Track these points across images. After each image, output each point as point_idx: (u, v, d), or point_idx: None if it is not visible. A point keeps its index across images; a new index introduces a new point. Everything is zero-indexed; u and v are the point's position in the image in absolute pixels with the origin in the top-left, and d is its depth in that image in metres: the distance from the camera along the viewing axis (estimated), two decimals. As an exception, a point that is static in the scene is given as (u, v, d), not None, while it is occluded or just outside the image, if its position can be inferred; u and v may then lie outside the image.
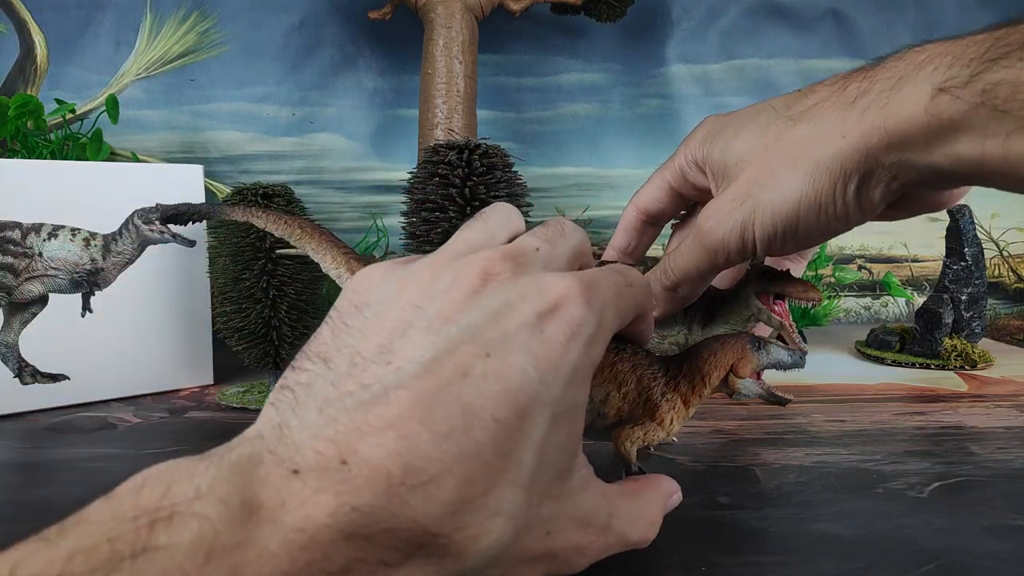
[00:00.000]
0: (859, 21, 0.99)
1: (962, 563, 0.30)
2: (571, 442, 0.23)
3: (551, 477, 0.22)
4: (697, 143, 0.35)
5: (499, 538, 0.20)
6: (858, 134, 0.28)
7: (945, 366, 0.70)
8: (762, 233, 0.31)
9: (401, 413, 0.19)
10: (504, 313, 0.21)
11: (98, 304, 0.58)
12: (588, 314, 0.22)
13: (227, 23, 0.94)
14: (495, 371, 0.20)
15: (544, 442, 0.21)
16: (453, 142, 0.58)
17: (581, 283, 0.22)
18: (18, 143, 0.74)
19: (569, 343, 0.21)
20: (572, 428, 0.22)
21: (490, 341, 0.20)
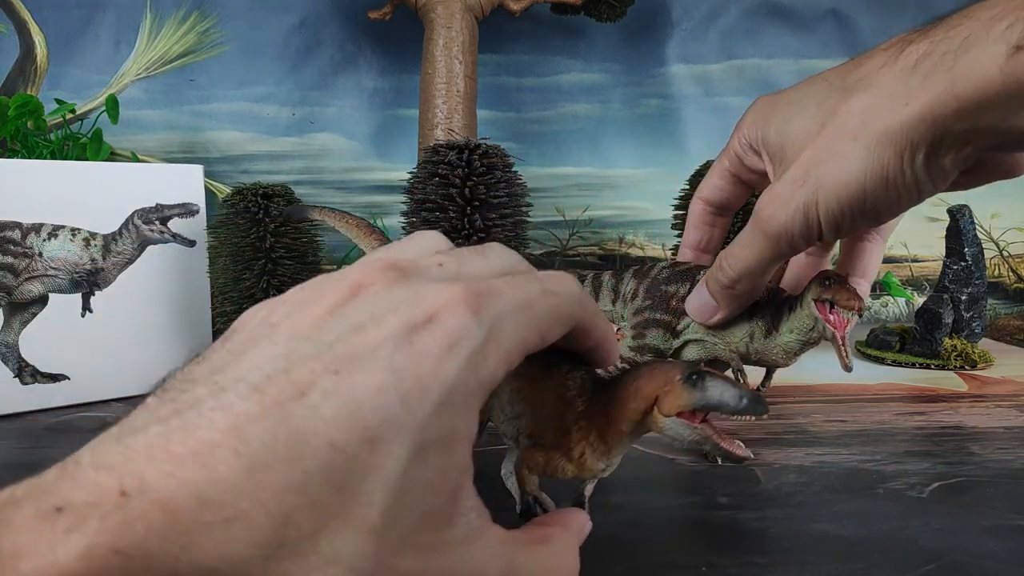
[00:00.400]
0: (859, 21, 0.99)
1: (962, 563, 0.30)
2: (446, 479, 0.18)
3: (415, 521, 0.17)
4: (749, 125, 0.33)
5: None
6: (923, 101, 0.26)
7: (945, 366, 0.70)
8: (827, 214, 0.29)
9: (212, 438, 0.15)
10: (366, 326, 0.18)
11: (98, 304, 0.58)
12: (473, 325, 0.18)
13: (227, 23, 0.94)
14: (340, 390, 0.17)
15: (404, 477, 0.17)
16: (453, 142, 0.58)
17: (468, 290, 0.19)
18: (18, 143, 0.74)
19: (445, 358, 0.18)
20: (448, 462, 0.18)
21: (341, 357, 0.17)
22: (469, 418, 0.19)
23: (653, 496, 0.38)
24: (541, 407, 0.27)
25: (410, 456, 0.17)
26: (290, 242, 0.61)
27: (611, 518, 0.35)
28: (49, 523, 0.14)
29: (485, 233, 0.58)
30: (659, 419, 0.25)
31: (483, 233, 0.57)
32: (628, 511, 0.35)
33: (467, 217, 0.57)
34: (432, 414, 0.17)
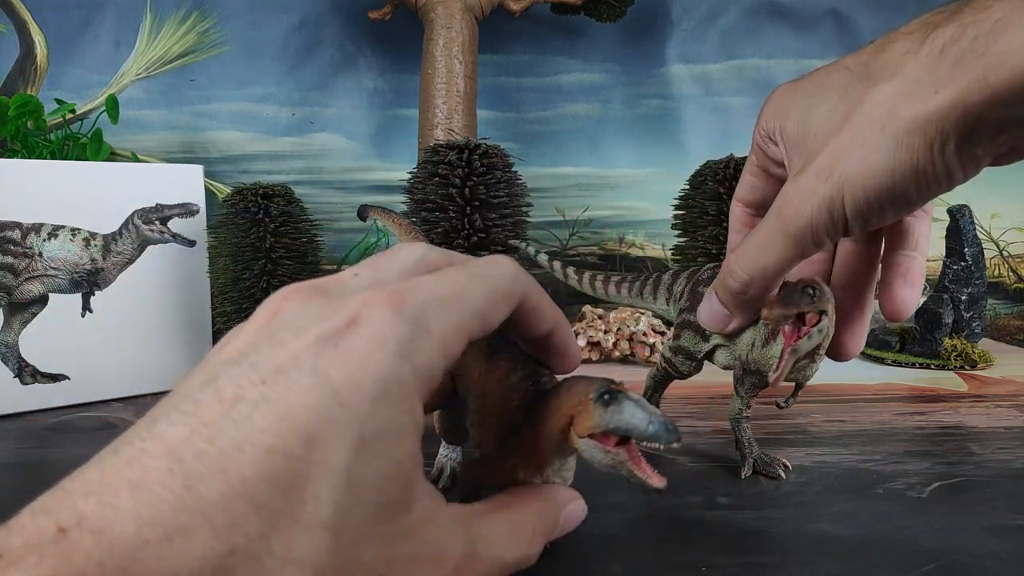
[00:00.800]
0: (859, 21, 0.99)
1: (962, 563, 0.30)
2: (399, 470, 0.19)
3: (372, 513, 0.18)
4: (769, 115, 0.32)
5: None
6: (954, 90, 0.24)
7: (945, 366, 0.70)
8: (853, 207, 0.28)
9: (145, 463, 0.16)
10: (286, 340, 0.18)
11: (98, 304, 0.58)
12: (397, 319, 0.19)
13: (227, 23, 0.94)
14: (269, 398, 0.17)
15: (350, 471, 0.17)
16: (453, 142, 0.58)
17: (386, 290, 0.19)
18: (18, 143, 0.74)
19: (374, 353, 0.18)
20: (398, 453, 0.18)
21: (266, 370, 0.18)
22: (410, 409, 0.19)
23: (653, 496, 0.38)
24: (487, 418, 0.26)
25: (353, 450, 0.17)
26: (290, 242, 0.61)
27: (611, 518, 0.35)
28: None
29: (485, 233, 0.58)
30: (574, 440, 0.23)
31: (483, 233, 0.57)
32: (628, 511, 0.35)
33: (467, 217, 0.57)
34: (370, 408, 0.18)
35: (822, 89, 0.29)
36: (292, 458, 0.16)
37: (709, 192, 0.67)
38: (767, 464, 0.40)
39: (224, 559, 0.15)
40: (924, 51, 0.26)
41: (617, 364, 0.71)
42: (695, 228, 0.69)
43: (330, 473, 0.17)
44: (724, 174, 0.66)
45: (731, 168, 0.66)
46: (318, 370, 0.18)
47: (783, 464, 0.41)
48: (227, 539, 0.15)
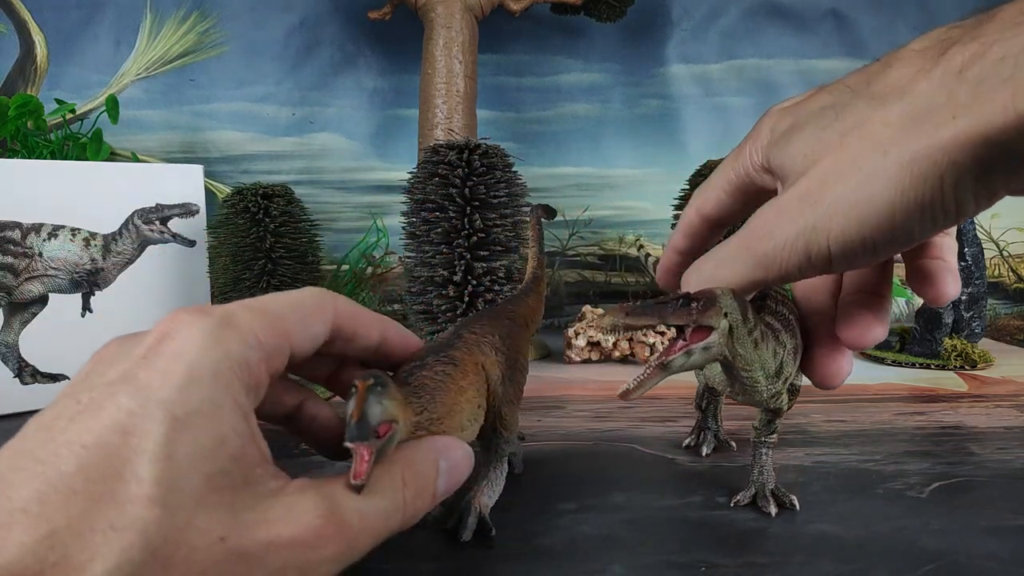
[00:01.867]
0: (859, 21, 0.99)
1: (962, 563, 0.30)
2: (222, 442, 0.20)
3: (202, 484, 0.19)
4: (764, 143, 0.29)
5: (124, 554, 0.18)
6: (975, 116, 0.21)
7: (945, 366, 0.70)
8: (842, 239, 0.24)
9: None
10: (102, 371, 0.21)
11: (98, 304, 0.58)
12: (203, 320, 0.22)
13: (227, 23, 0.94)
14: (88, 409, 0.19)
15: (167, 448, 0.19)
16: (453, 142, 0.58)
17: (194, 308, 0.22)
18: (18, 143, 0.74)
19: (182, 349, 0.21)
20: (217, 428, 0.20)
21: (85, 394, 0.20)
22: (227, 388, 0.21)
23: (653, 496, 0.38)
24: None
25: (168, 430, 0.19)
26: (290, 242, 0.61)
27: (611, 518, 0.35)
28: None
29: (485, 233, 0.58)
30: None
31: (483, 233, 0.57)
32: (628, 511, 0.36)
33: (467, 217, 0.57)
34: (178, 392, 0.20)
35: (820, 111, 0.26)
36: (108, 448, 0.19)
37: (709, 192, 0.67)
38: (773, 498, 0.36)
39: (45, 539, 0.17)
40: (939, 70, 0.23)
41: (617, 364, 0.71)
42: (695, 228, 0.69)
43: (147, 453, 0.19)
44: (724, 174, 0.66)
45: (731, 168, 0.66)
46: (129, 380, 0.20)
47: (791, 503, 0.36)
48: (45, 522, 0.17)
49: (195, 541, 0.19)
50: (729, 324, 0.28)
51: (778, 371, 0.30)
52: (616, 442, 0.46)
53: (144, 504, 0.18)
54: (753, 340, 0.29)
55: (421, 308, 0.60)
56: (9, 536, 0.17)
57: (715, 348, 0.28)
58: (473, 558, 0.31)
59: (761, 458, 0.36)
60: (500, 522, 0.34)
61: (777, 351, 0.30)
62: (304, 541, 0.21)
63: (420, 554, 0.31)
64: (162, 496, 0.19)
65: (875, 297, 0.30)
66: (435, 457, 0.26)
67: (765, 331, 0.30)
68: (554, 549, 0.31)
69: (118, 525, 0.18)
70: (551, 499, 0.37)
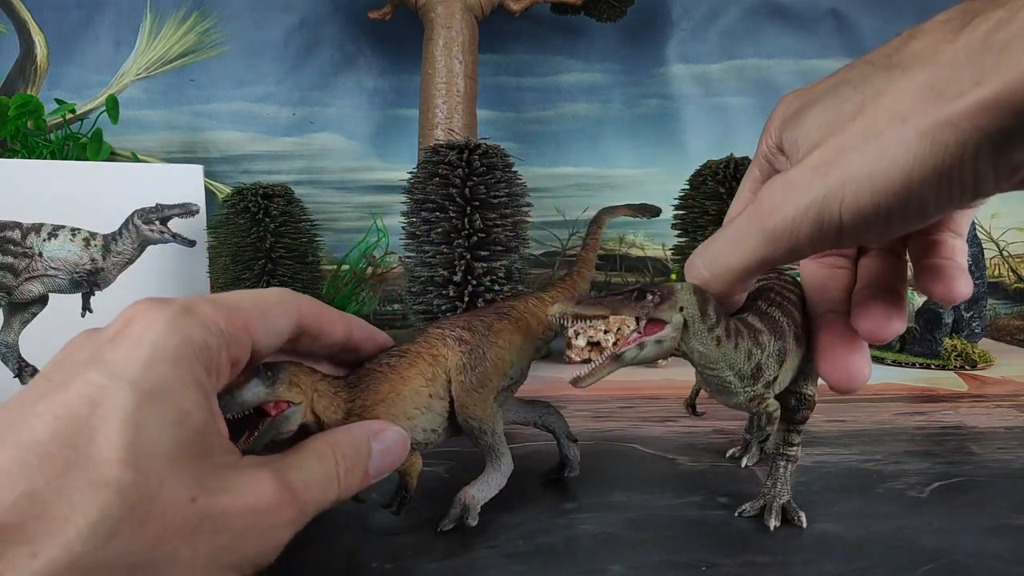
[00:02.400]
0: (859, 21, 0.99)
1: (962, 563, 0.30)
2: (186, 417, 0.22)
3: (170, 452, 0.21)
4: (777, 124, 0.28)
5: (104, 510, 0.19)
6: (1001, 82, 0.20)
7: (945, 366, 0.70)
8: (855, 210, 0.23)
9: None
10: (71, 355, 0.23)
11: (98, 304, 0.58)
12: (164, 308, 0.24)
13: (227, 23, 0.95)
14: (57, 387, 0.21)
15: (134, 418, 0.21)
16: (453, 142, 0.58)
17: (156, 299, 0.24)
18: (18, 143, 0.74)
19: (144, 333, 0.23)
20: (181, 403, 0.22)
21: (55, 375, 0.22)
22: (189, 369, 0.23)
23: (653, 496, 0.38)
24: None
25: (135, 402, 0.21)
26: (290, 242, 0.61)
27: (611, 518, 0.35)
28: None
29: (485, 233, 0.58)
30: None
31: (483, 233, 0.57)
32: (628, 511, 0.35)
33: (467, 217, 0.57)
34: (144, 370, 0.22)
35: (835, 86, 0.25)
36: (78, 418, 0.20)
37: (709, 192, 0.67)
38: (782, 513, 0.34)
39: (25, 496, 0.19)
40: (963, 39, 0.22)
41: (617, 364, 0.71)
42: (695, 228, 0.69)
43: (117, 422, 0.21)
44: (724, 174, 0.66)
45: (731, 168, 0.66)
46: (96, 360, 0.22)
47: (799, 520, 0.34)
48: (25, 481, 0.19)
49: (168, 500, 0.21)
50: (684, 319, 0.28)
51: (755, 374, 0.30)
52: (616, 442, 0.46)
53: (117, 466, 0.20)
54: (715, 338, 0.28)
55: (421, 308, 0.60)
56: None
57: (667, 342, 0.28)
58: (474, 558, 0.31)
59: (778, 470, 0.34)
60: (500, 522, 0.34)
61: (753, 352, 0.29)
62: (263, 508, 0.23)
63: (421, 554, 0.31)
64: (133, 460, 0.20)
65: (891, 293, 0.29)
66: (367, 438, 0.28)
67: (737, 330, 0.29)
68: (554, 549, 0.31)
69: (96, 483, 0.20)
70: (551, 499, 0.37)
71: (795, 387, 0.33)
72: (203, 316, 0.24)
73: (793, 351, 0.31)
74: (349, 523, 0.34)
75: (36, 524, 0.19)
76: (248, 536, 0.23)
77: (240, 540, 0.22)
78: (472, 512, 0.33)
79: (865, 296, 0.29)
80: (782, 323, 0.31)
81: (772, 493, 0.34)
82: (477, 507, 0.33)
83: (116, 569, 0.20)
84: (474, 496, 0.34)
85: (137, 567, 0.20)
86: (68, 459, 0.20)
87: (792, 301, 0.32)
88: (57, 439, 0.20)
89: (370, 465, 0.28)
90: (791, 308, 0.31)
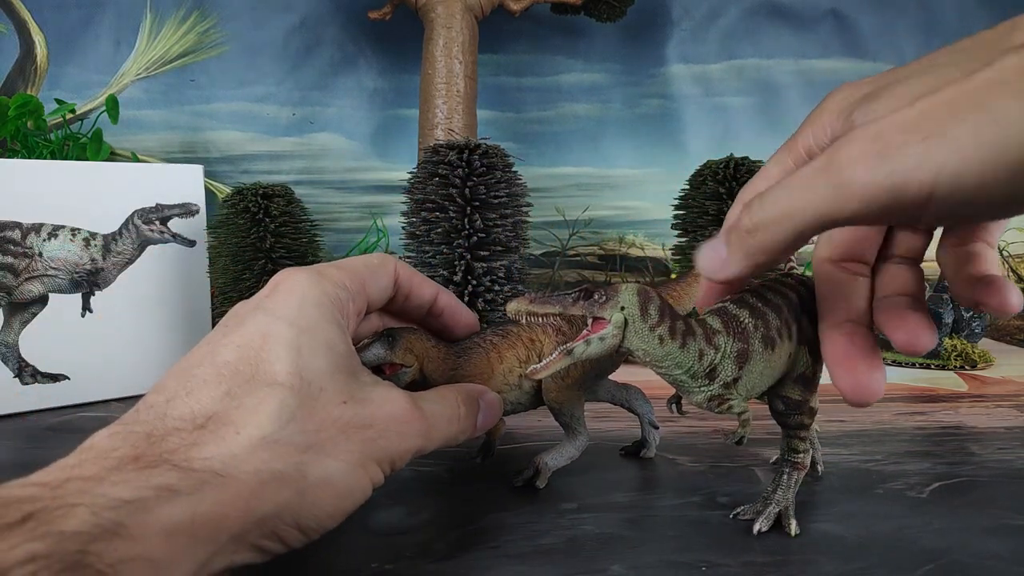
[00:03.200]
0: (859, 21, 0.99)
1: (962, 563, 0.30)
2: (333, 346, 0.29)
3: (325, 369, 0.28)
4: (834, 114, 0.25)
5: (283, 402, 0.26)
6: None
7: (945, 366, 0.70)
8: (954, 179, 0.19)
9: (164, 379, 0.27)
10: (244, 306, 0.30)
11: (98, 304, 0.58)
12: (302, 273, 0.30)
13: (227, 23, 0.94)
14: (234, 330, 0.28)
15: (298, 344, 0.27)
16: (453, 142, 0.58)
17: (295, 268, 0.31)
18: (18, 143, 0.74)
19: (292, 290, 0.29)
20: (327, 336, 0.29)
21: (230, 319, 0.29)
22: (331, 315, 0.29)
23: (653, 496, 0.38)
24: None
25: (295, 334, 0.28)
26: (290, 242, 0.61)
27: (611, 518, 0.35)
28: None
29: (485, 233, 0.58)
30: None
31: (483, 233, 0.57)
32: (628, 511, 0.36)
33: (467, 217, 0.57)
34: (297, 311, 0.28)
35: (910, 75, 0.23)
36: (253, 346, 0.27)
37: (709, 192, 0.67)
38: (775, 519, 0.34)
39: (225, 395, 0.26)
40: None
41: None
42: (695, 228, 0.69)
43: (283, 347, 0.27)
44: (724, 174, 0.66)
45: (731, 168, 0.66)
46: (260, 308, 0.29)
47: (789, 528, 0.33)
48: (224, 384, 0.26)
49: (326, 400, 0.27)
50: (624, 318, 0.29)
51: (709, 374, 0.30)
52: (616, 442, 0.46)
53: (287, 376, 0.26)
54: (657, 336, 0.29)
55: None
56: (200, 393, 0.26)
57: (609, 340, 0.29)
58: (474, 557, 0.31)
59: (782, 477, 0.34)
60: (501, 522, 0.34)
61: (705, 352, 0.30)
62: (398, 419, 0.29)
63: (421, 554, 0.31)
64: (298, 371, 0.27)
65: (920, 303, 0.28)
66: (477, 396, 0.34)
67: (687, 330, 0.29)
68: (554, 549, 0.31)
69: (273, 384, 0.26)
70: (552, 499, 0.37)
71: (780, 391, 0.32)
72: (333, 277, 0.30)
73: (759, 353, 0.30)
74: (349, 523, 0.34)
75: (236, 412, 0.25)
76: (387, 435, 0.28)
77: (382, 437, 0.28)
78: (543, 476, 0.38)
79: (897, 306, 0.28)
80: (746, 325, 0.30)
81: (772, 499, 0.34)
82: (548, 472, 0.38)
83: (295, 444, 0.25)
84: (547, 463, 0.38)
85: (308, 446, 0.26)
86: (251, 372, 0.26)
87: (777, 304, 0.31)
88: (241, 360, 0.26)
89: (479, 416, 0.34)
90: (770, 311, 0.31)
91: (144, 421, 0.25)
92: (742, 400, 0.31)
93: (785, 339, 0.31)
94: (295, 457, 0.25)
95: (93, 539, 0.19)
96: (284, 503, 0.24)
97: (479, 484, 0.39)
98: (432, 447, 0.30)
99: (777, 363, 0.31)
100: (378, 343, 0.35)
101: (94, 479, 0.22)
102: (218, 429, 0.25)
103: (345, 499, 0.27)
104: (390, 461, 0.28)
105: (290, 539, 0.25)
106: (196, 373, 0.26)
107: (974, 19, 0.98)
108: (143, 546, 0.20)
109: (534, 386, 0.38)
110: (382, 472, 0.28)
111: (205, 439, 0.24)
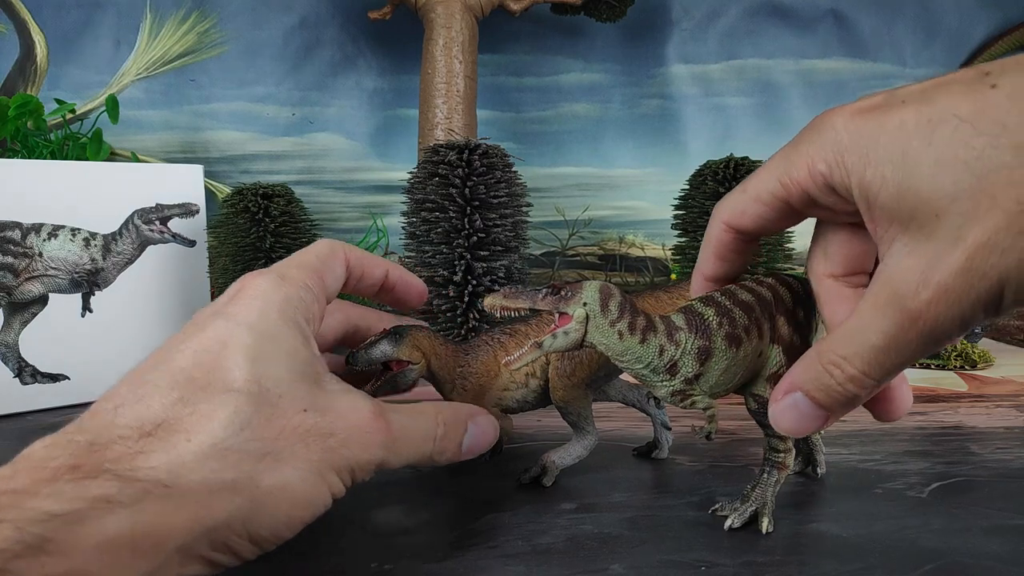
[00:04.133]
0: (859, 21, 0.99)
1: (962, 563, 0.30)
2: (296, 353, 0.28)
3: (285, 376, 0.27)
4: (832, 161, 0.24)
5: (239, 409, 0.25)
6: None
7: (945, 366, 0.70)
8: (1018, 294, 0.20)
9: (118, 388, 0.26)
10: (195, 319, 0.28)
11: (98, 304, 0.58)
12: (265, 277, 0.29)
13: (227, 23, 0.94)
14: (192, 334, 0.27)
15: (254, 351, 0.26)
16: (453, 142, 0.58)
17: (257, 272, 0.30)
18: (18, 143, 0.74)
19: (255, 295, 0.28)
20: (290, 342, 0.28)
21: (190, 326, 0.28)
22: (292, 319, 0.29)
23: (652, 496, 0.38)
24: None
25: (254, 340, 0.27)
26: (290, 242, 0.61)
27: (610, 518, 0.35)
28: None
29: (485, 233, 0.58)
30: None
31: (483, 233, 0.57)
32: (627, 511, 0.36)
33: (467, 217, 0.57)
34: (258, 318, 0.28)
35: (928, 125, 0.21)
36: (212, 352, 0.26)
37: (709, 192, 0.67)
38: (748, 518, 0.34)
39: (178, 401, 0.25)
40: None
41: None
42: (695, 228, 0.69)
43: (241, 353, 0.26)
44: (724, 174, 0.66)
45: (731, 168, 0.66)
46: (220, 314, 0.28)
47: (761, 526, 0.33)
48: (177, 391, 0.25)
49: (285, 407, 0.26)
50: (586, 313, 0.30)
51: (670, 369, 0.31)
52: (616, 442, 0.46)
53: (245, 383, 0.26)
54: (617, 332, 0.30)
55: (421, 308, 0.59)
56: (151, 400, 0.25)
57: (572, 334, 0.30)
58: (474, 558, 0.31)
59: (762, 476, 0.34)
60: (500, 522, 0.34)
61: (666, 348, 0.30)
62: (361, 428, 0.28)
63: (421, 554, 0.31)
64: (256, 378, 0.26)
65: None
66: (466, 416, 0.32)
67: (648, 326, 0.30)
68: (554, 549, 0.31)
69: (230, 391, 0.25)
70: (551, 499, 0.37)
71: (753, 389, 0.33)
72: (295, 279, 0.30)
73: (722, 351, 0.31)
74: (349, 523, 0.34)
75: (189, 419, 0.24)
76: (349, 444, 0.27)
77: (343, 446, 0.27)
78: (550, 474, 0.38)
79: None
80: (710, 322, 0.31)
81: (750, 497, 0.34)
82: (556, 470, 0.38)
83: (249, 452, 0.25)
84: (554, 460, 0.38)
85: (264, 454, 0.25)
86: (208, 379, 0.25)
87: (747, 303, 0.31)
88: (197, 366, 0.26)
89: (464, 439, 0.32)
90: (739, 309, 0.31)
91: (87, 429, 0.24)
92: (706, 396, 0.32)
93: (754, 337, 0.31)
94: (248, 465, 0.24)
95: (15, 556, 0.19)
96: (234, 512, 0.24)
97: (479, 484, 0.39)
98: (399, 462, 0.29)
99: (743, 361, 0.31)
100: (385, 340, 0.35)
101: (24, 492, 0.21)
102: (168, 437, 0.24)
103: (302, 508, 0.26)
104: (350, 471, 0.27)
105: (242, 550, 0.24)
106: (149, 379, 0.26)
107: (974, 19, 0.98)
108: (73, 561, 0.20)
109: (541, 385, 0.38)
110: (342, 482, 0.27)
111: (152, 447, 0.23)
